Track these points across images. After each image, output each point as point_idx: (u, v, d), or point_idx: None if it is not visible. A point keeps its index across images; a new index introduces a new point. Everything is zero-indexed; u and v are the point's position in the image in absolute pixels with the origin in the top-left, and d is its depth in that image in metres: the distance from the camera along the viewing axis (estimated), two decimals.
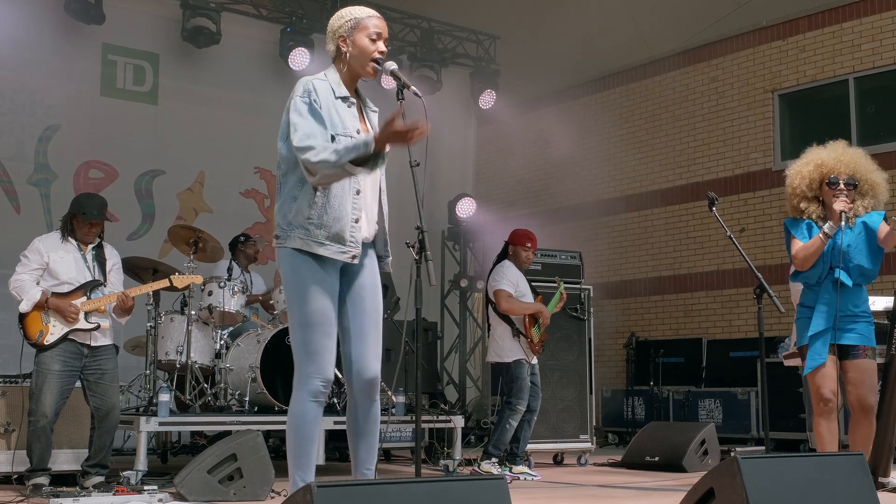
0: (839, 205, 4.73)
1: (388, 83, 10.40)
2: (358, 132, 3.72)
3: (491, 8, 11.94)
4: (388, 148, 3.60)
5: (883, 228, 4.79)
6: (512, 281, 7.00)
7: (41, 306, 5.62)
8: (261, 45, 10.97)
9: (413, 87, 3.81)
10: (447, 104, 11.83)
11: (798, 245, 4.82)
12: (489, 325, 7.19)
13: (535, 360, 7.12)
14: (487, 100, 12.11)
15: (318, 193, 3.67)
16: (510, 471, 6.92)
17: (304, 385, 3.69)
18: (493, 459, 6.91)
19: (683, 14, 11.63)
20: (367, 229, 3.80)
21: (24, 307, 5.62)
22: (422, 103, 3.72)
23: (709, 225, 11.18)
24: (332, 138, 3.63)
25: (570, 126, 12.30)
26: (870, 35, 10.47)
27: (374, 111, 3.96)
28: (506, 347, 6.97)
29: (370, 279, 3.84)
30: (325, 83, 3.76)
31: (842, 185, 4.82)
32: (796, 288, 5.50)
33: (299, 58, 10.47)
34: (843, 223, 4.72)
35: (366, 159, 3.56)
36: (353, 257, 3.70)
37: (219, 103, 10.67)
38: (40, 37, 9.34)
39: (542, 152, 12.97)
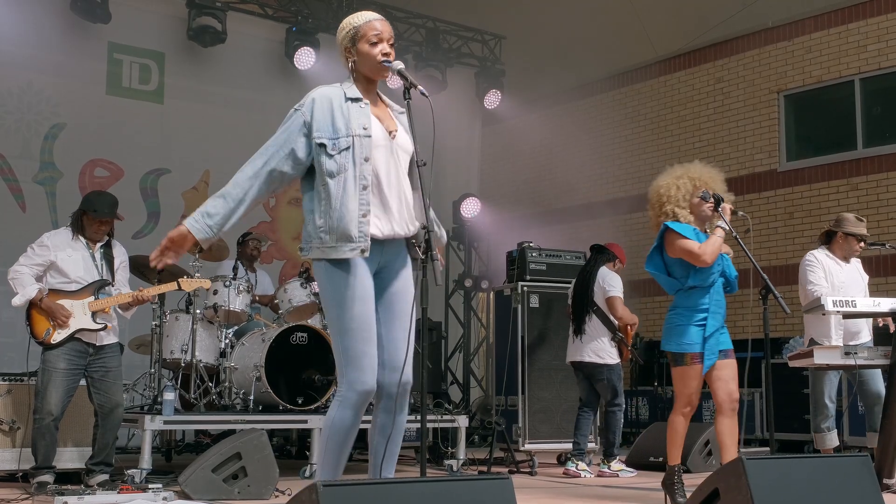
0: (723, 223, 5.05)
1: (395, 83, 10.44)
2: (365, 128, 3.72)
3: (496, 8, 11.93)
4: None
5: None
6: (622, 290, 7.50)
7: (34, 305, 5.63)
8: (266, 45, 10.97)
9: (420, 87, 3.81)
10: (452, 104, 11.80)
11: (698, 244, 5.00)
12: (581, 326, 7.46)
13: None
14: (492, 100, 12.08)
15: (323, 202, 3.68)
16: (609, 468, 7.29)
17: (345, 391, 3.60)
18: (618, 457, 7.39)
19: (689, 14, 11.63)
20: (390, 225, 3.73)
21: (17, 301, 5.63)
22: (428, 103, 3.72)
23: None
24: (322, 145, 3.68)
25: (575, 126, 12.30)
26: (876, 36, 10.46)
27: (402, 112, 3.92)
28: (609, 350, 7.40)
29: (403, 285, 3.80)
30: (336, 89, 3.80)
31: (712, 202, 5.16)
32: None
33: (305, 57, 10.46)
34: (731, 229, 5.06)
35: None
36: (363, 251, 3.64)
37: (224, 102, 10.68)
38: (46, 35, 9.33)
39: (546, 152, 12.96)
